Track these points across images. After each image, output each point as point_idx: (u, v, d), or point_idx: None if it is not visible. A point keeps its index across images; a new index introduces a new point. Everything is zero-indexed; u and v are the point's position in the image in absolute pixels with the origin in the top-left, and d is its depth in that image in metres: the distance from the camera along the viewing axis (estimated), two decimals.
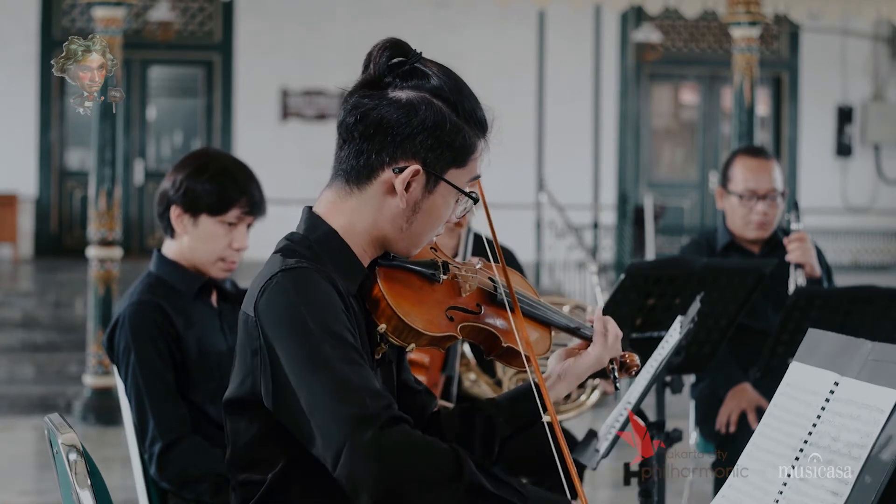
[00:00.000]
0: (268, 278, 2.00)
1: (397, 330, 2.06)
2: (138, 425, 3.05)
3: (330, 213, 2.10)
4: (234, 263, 3.21)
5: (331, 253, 2.06)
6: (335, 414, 1.88)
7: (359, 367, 1.92)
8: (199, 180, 3.12)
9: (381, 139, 2.05)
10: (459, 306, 2.14)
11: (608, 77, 14.48)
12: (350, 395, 1.88)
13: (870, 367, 1.79)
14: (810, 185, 15.05)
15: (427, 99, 2.06)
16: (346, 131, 2.08)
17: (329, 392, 1.89)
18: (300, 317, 1.94)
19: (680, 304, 3.34)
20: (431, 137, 2.05)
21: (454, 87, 2.09)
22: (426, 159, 2.05)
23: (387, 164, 2.05)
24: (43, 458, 7.01)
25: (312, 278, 1.98)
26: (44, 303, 10.43)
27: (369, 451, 1.84)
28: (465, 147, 2.09)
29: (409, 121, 2.04)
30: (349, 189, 2.09)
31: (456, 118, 2.07)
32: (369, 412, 1.87)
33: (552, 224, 12.56)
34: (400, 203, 2.06)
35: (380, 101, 2.06)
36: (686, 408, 4.45)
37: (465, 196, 2.12)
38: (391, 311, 2.05)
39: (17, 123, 13.42)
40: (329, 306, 1.96)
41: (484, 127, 2.13)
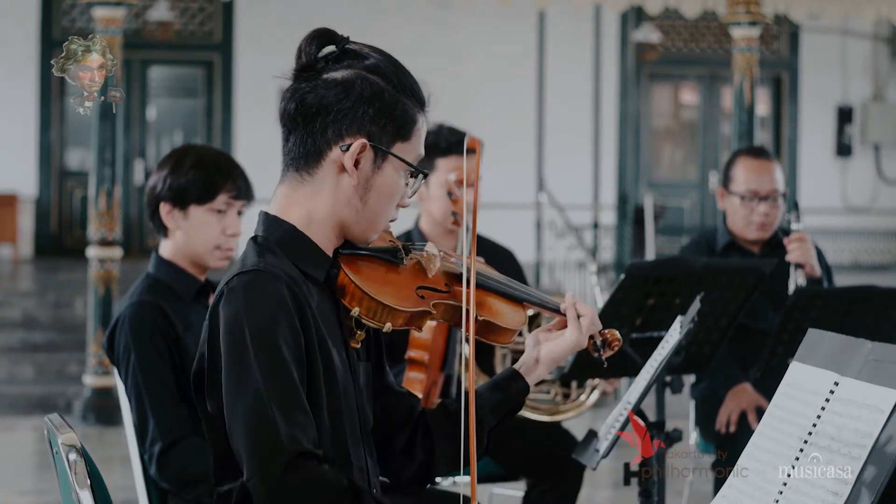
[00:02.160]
0: (225, 282, 2.03)
1: (370, 310, 2.07)
2: (138, 425, 3.05)
3: (285, 209, 2.12)
4: (230, 250, 3.22)
5: (292, 250, 2.07)
6: (249, 443, 1.93)
7: (285, 397, 1.94)
8: (182, 172, 3.13)
9: (323, 119, 2.08)
10: (428, 286, 2.16)
11: (608, 77, 14.48)
12: (266, 428, 1.92)
13: (870, 367, 1.79)
14: (810, 185, 15.05)
15: (362, 75, 2.09)
16: (290, 120, 2.12)
17: (248, 421, 1.94)
18: (241, 334, 1.97)
19: (680, 304, 3.34)
20: (371, 108, 2.07)
21: (387, 62, 2.12)
22: (370, 132, 2.07)
23: (333, 142, 2.08)
24: (43, 458, 7.01)
25: (264, 286, 1.99)
26: (44, 303, 10.43)
27: (272, 484, 1.90)
28: (406, 117, 2.10)
29: (347, 96, 2.07)
30: (301, 178, 2.11)
31: (393, 90, 2.09)
32: (279, 448, 1.91)
33: (552, 224, 12.56)
34: (352, 180, 2.07)
35: (316, 84, 2.09)
36: (686, 408, 4.45)
37: (414, 170, 2.13)
38: (360, 291, 2.06)
39: (17, 123, 13.41)
40: (272, 322, 1.96)
41: (422, 100, 2.14)
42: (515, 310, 2.26)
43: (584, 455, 2.84)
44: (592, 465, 2.79)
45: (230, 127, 13.78)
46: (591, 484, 6.11)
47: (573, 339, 2.25)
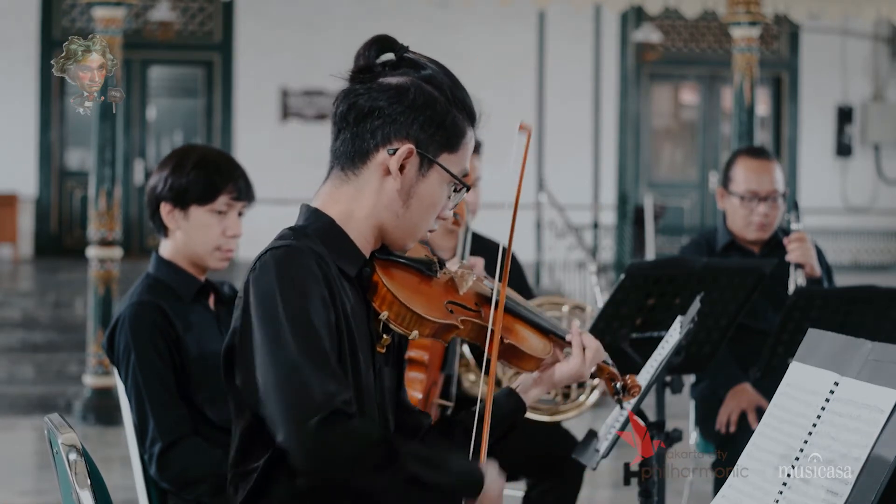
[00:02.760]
0: (256, 259, 2.06)
1: (399, 316, 2.09)
2: (138, 425, 3.05)
3: (327, 204, 2.14)
4: (230, 251, 3.22)
5: (327, 240, 2.10)
6: (282, 404, 1.95)
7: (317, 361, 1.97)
8: (183, 173, 3.13)
9: (374, 122, 2.09)
10: (458, 302, 2.18)
11: (608, 77, 14.48)
12: (298, 387, 1.95)
13: (870, 367, 1.79)
14: (810, 185, 15.05)
15: (417, 82, 2.11)
16: (341, 120, 2.13)
17: (281, 383, 1.96)
18: (273, 305, 1.99)
19: (680, 304, 3.34)
20: (422, 116, 2.09)
21: (443, 74, 2.15)
22: (419, 139, 2.09)
23: (381, 145, 2.10)
24: (43, 458, 7.01)
25: (297, 258, 2.02)
26: (44, 303, 10.43)
27: (308, 442, 1.93)
28: (456, 129, 2.13)
29: (400, 101, 2.09)
30: (345, 176, 2.13)
31: (445, 102, 2.12)
32: (314, 405, 1.93)
33: (552, 224, 12.56)
34: (395, 184, 2.10)
35: (371, 87, 2.11)
36: (686, 408, 4.45)
37: (457, 183, 2.15)
38: (391, 296, 2.08)
39: (17, 123, 13.41)
40: (303, 290, 2.00)
41: (472, 115, 2.18)
42: (542, 340, 2.29)
43: (584, 455, 2.84)
44: (592, 465, 2.79)
45: (230, 127, 13.78)
46: (591, 484, 6.11)
47: (575, 367, 2.29)
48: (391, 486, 1.98)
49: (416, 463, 2.00)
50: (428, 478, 2.01)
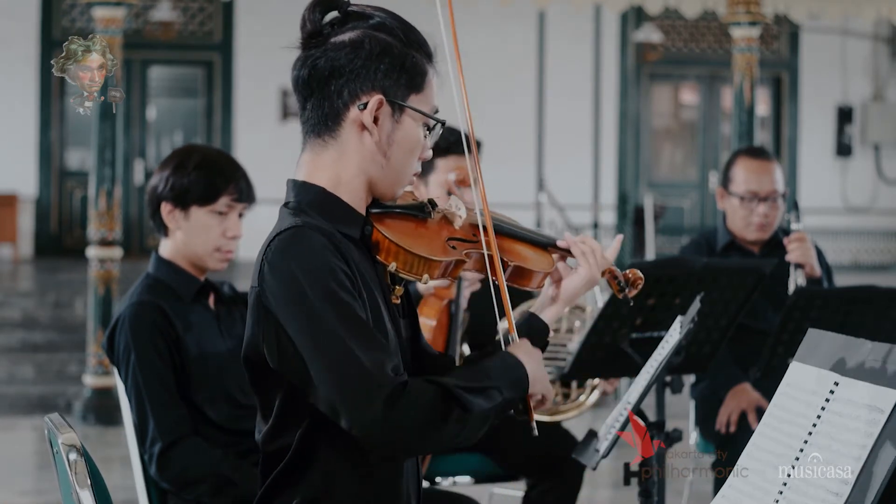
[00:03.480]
0: (266, 246, 2.06)
1: (406, 263, 2.11)
2: (138, 425, 3.05)
3: (312, 174, 2.14)
4: (230, 252, 3.21)
5: (325, 211, 2.10)
6: (340, 391, 1.95)
7: (359, 333, 1.97)
8: (184, 173, 3.13)
9: (337, 81, 2.10)
10: (458, 236, 2.21)
11: (608, 77, 14.48)
12: (353, 371, 1.95)
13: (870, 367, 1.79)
14: (810, 185, 15.05)
15: (369, 33, 2.12)
16: (304, 87, 2.13)
17: (333, 369, 1.96)
18: (298, 288, 1.99)
19: (680, 304, 3.34)
20: (382, 64, 2.10)
21: (392, 18, 2.16)
22: (385, 87, 2.10)
23: (350, 102, 2.11)
24: (43, 458, 7.01)
25: (306, 237, 2.02)
26: (44, 303, 10.43)
27: (379, 424, 1.94)
28: (417, 69, 2.13)
29: (358, 55, 2.10)
30: (323, 141, 2.13)
31: (401, 45, 2.13)
32: (373, 385, 1.94)
33: (552, 224, 12.57)
34: (373, 137, 2.11)
35: (325, 48, 2.11)
36: (686, 408, 4.45)
37: (431, 120, 2.16)
38: (395, 246, 2.10)
39: (17, 123, 13.41)
40: (324, 267, 2.00)
41: (429, 52, 2.18)
42: (541, 254, 2.32)
43: (584, 455, 2.84)
44: (592, 465, 2.79)
45: (230, 127, 13.78)
46: (591, 484, 6.11)
47: (586, 273, 2.32)
48: (462, 433, 2.02)
49: (476, 398, 2.02)
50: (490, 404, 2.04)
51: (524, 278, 2.26)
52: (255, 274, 2.06)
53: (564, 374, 3.50)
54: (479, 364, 2.12)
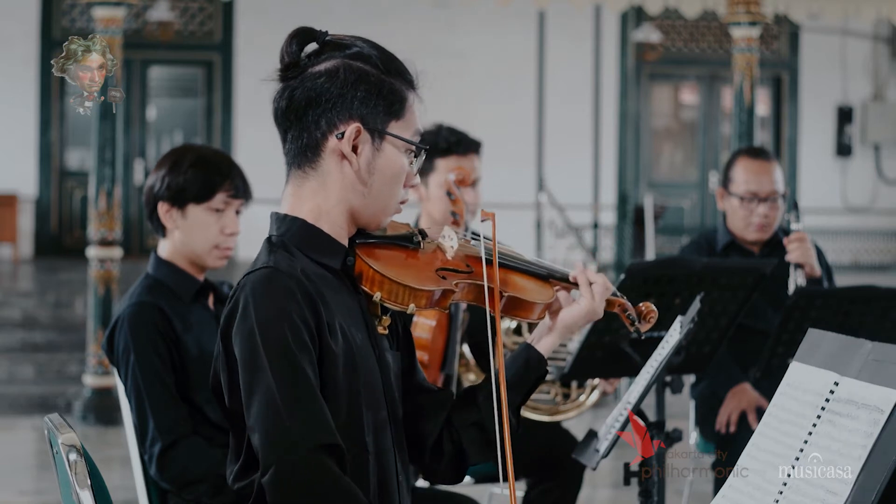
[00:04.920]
0: (237, 285, 2.06)
1: (392, 293, 2.08)
2: (138, 426, 3.05)
3: (295, 206, 2.14)
4: (229, 250, 3.22)
5: (305, 244, 2.09)
6: (264, 439, 1.96)
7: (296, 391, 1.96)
8: (180, 172, 3.14)
9: (315, 111, 2.09)
10: (449, 267, 2.17)
11: (608, 77, 14.47)
12: (279, 424, 1.95)
13: (870, 367, 1.79)
14: (810, 185, 15.05)
15: (345, 62, 2.11)
16: (283, 118, 2.14)
17: (261, 420, 1.96)
18: (252, 333, 1.98)
19: (680, 304, 3.34)
20: (359, 92, 2.08)
21: (369, 47, 2.14)
22: (362, 116, 2.09)
23: (328, 132, 2.09)
24: (43, 458, 7.01)
25: (274, 281, 2.01)
26: (44, 303, 10.43)
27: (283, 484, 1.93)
28: (395, 95, 2.11)
29: (333, 84, 2.08)
30: (304, 173, 2.13)
31: (377, 72, 2.11)
32: (291, 444, 1.93)
33: (552, 224, 12.56)
34: (353, 166, 2.09)
35: (303, 78, 2.11)
36: (686, 408, 4.45)
37: (414, 147, 2.14)
38: (379, 275, 2.08)
39: (17, 123, 13.41)
40: (283, 319, 1.98)
41: (408, 78, 2.16)
42: (541, 286, 2.27)
43: (584, 455, 2.84)
44: (592, 465, 2.79)
45: (230, 127, 13.78)
46: (591, 484, 6.11)
47: (586, 306, 2.25)
48: None
49: None
50: None
51: (521, 309, 2.22)
52: (228, 304, 2.06)
53: (564, 374, 3.50)
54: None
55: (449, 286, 2.13)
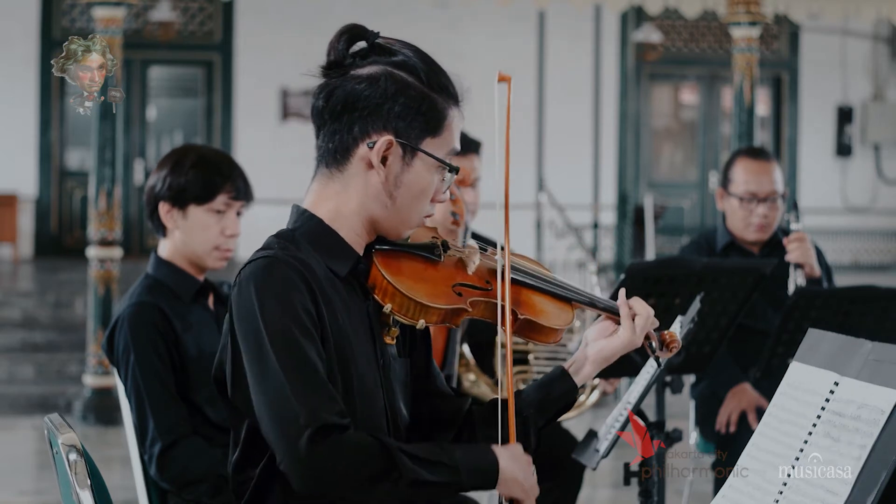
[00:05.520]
0: (238, 272, 2.05)
1: (402, 307, 2.06)
2: (138, 426, 3.05)
3: (316, 203, 2.12)
4: (229, 251, 3.21)
5: (316, 241, 2.08)
6: (273, 428, 1.95)
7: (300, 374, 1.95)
8: (181, 173, 3.13)
9: (350, 115, 2.07)
10: (467, 283, 2.12)
11: (608, 77, 14.47)
12: (284, 408, 1.94)
13: (870, 367, 1.79)
14: (810, 185, 15.04)
15: (388, 70, 2.08)
16: (318, 116, 2.11)
17: (269, 406, 1.95)
18: (254, 322, 1.98)
19: (680, 304, 3.34)
20: (397, 104, 2.05)
21: (417, 57, 2.11)
22: (397, 129, 2.06)
23: (360, 139, 2.07)
24: (43, 458, 7.01)
25: (274, 270, 2.00)
26: (44, 303, 10.43)
27: (301, 466, 1.92)
28: (435, 112, 2.09)
29: (373, 92, 2.06)
30: (330, 173, 2.11)
31: (420, 86, 2.08)
32: (300, 424, 1.92)
33: (552, 224, 12.56)
34: (379, 177, 2.07)
35: (343, 80, 2.08)
36: (686, 408, 4.45)
37: (444, 166, 2.11)
38: (392, 287, 2.05)
39: (17, 123, 13.41)
40: (283, 303, 1.98)
41: (452, 94, 2.13)
42: (561, 308, 2.20)
43: (584, 455, 2.84)
44: (592, 465, 2.79)
45: (230, 127, 13.77)
46: (591, 484, 6.11)
47: (626, 339, 2.20)
48: (394, 494, 1.96)
49: (418, 465, 1.97)
50: (433, 478, 1.98)
51: (536, 333, 2.16)
52: (231, 292, 2.06)
53: None
54: (448, 444, 2.07)
55: (463, 304, 2.08)
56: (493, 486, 2.04)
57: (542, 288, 2.20)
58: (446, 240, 2.18)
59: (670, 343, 2.25)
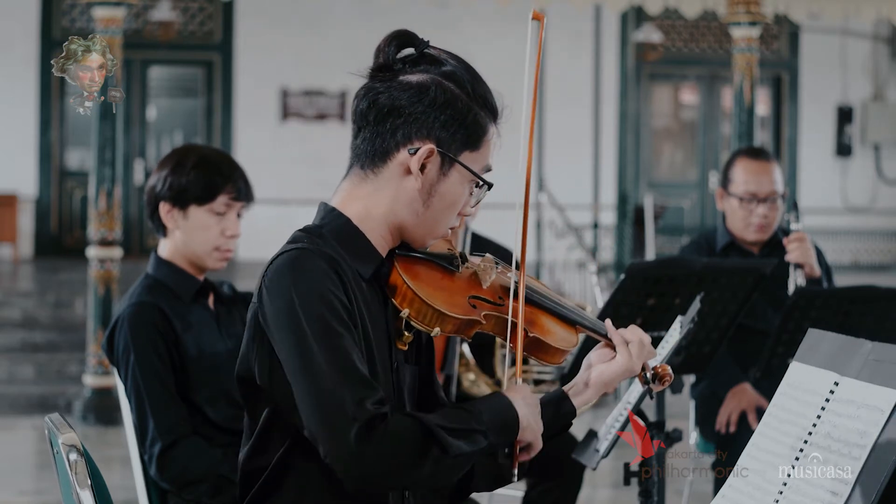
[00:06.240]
0: (268, 264, 2.05)
1: (420, 313, 2.07)
2: (138, 426, 3.05)
3: (345, 202, 2.12)
4: (229, 252, 3.21)
5: (342, 240, 2.08)
6: (319, 421, 1.94)
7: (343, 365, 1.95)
8: (182, 173, 3.13)
9: (394, 121, 2.08)
10: (482, 296, 2.15)
11: (608, 77, 14.48)
12: (329, 399, 1.93)
13: (870, 367, 1.79)
14: (810, 185, 15.05)
15: (437, 80, 2.09)
16: (361, 117, 2.11)
17: (311, 394, 1.95)
18: (292, 313, 1.98)
19: (680, 304, 3.34)
20: (443, 115, 2.07)
21: (464, 70, 2.12)
22: (440, 138, 2.08)
23: (401, 144, 2.08)
24: (43, 458, 7.01)
25: (308, 261, 2.00)
26: (44, 303, 10.43)
27: (352, 458, 1.91)
28: (477, 127, 2.11)
29: (421, 100, 2.07)
30: (365, 174, 2.12)
31: (467, 99, 2.10)
32: (348, 417, 1.91)
33: (552, 224, 12.56)
34: (416, 184, 2.08)
35: (391, 85, 2.09)
36: (686, 408, 4.45)
37: (479, 181, 2.13)
38: (412, 293, 2.06)
39: (17, 123, 13.41)
40: (320, 294, 1.98)
41: (494, 111, 2.15)
42: (567, 331, 2.24)
43: (584, 455, 2.84)
44: (592, 465, 2.79)
45: (230, 127, 13.77)
46: (591, 484, 6.11)
47: (623, 364, 2.21)
48: (437, 472, 1.97)
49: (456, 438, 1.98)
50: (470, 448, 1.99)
51: (543, 352, 2.19)
52: (256, 290, 2.06)
53: (565, 373, 3.50)
54: (470, 405, 2.07)
55: (477, 317, 2.11)
56: (514, 438, 2.06)
57: (552, 309, 2.23)
58: (463, 252, 2.20)
59: (663, 376, 2.26)
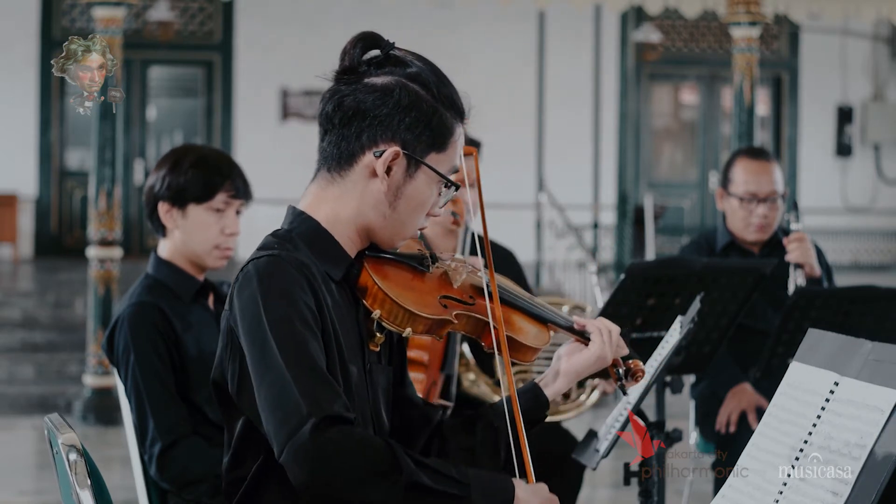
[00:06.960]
0: (240, 270, 2.05)
1: (391, 313, 2.07)
2: (138, 426, 3.05)
3: (313, 206, 2.13)
4: (229, 250, 3.22)
5: (312, 243, 2.08)
6: (275, 419, 1.93)
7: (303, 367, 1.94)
8: (180, 172, 3.14)
9: (360, 123, 2.08)
10: (452, 296, 2.15)
11: (608, 77, 14.48)
12: (287, 401, 1.92)
13: (870, 367, 1.79)
14: (810, 185, 15.05)
15: (402, 82, 2.09)
16: (326, 120, 2.12)
17: (271, 398, 1.94)
18: (256, 317, 1.98)
19: (680, 304, 3.34)
20: (408, 117, 2.07)
21: (430, 71, 2.12)
22: (405, 140, 2.08)
23: (367, 147, 2.08)
24: (43, 458, 7.01)
25: (276, 268, 2.00)
26: (44, 303, 10.43)
27: (302, 454, 1.90)
28: (443, 128, 2.10)
29: (385, 102, 2.07)
30: (331, 177, 2.12)
31: (432, 100, 2.10)
32: (303, 416, 1.90)
33: (552, 224, 12.56)
34: (381, 186, 2.08)
35: (356, 87, 2.09)
36: (686, 408, 4.45)
37: (445, 182, 2.13)
38: (382, 294, 2.07)
39: (17, 123, 13.41)
40: (286, 298, 1.98)
41: (461, 111, 2.15)
42: (540, 329, 2.25)
43: (584, 455, 2.84)
44: (592, 465, 2.79)
45: (230, 127, 13.78)
46: (591, 484, 6.11)
47: (596, 352, 2.22)
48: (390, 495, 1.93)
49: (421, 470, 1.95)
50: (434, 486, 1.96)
51: (514, 350, 2.19)
52: (228, 297, 2.06)
53: None
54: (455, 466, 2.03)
55: (448, 316, 2.11)
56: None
57: (524, 307, 2.25)
58: (434, 252, 2.21)
59: (636, 372, 2.27)
